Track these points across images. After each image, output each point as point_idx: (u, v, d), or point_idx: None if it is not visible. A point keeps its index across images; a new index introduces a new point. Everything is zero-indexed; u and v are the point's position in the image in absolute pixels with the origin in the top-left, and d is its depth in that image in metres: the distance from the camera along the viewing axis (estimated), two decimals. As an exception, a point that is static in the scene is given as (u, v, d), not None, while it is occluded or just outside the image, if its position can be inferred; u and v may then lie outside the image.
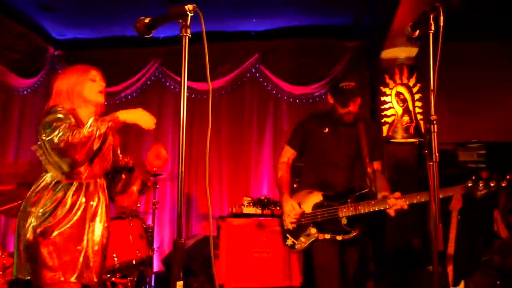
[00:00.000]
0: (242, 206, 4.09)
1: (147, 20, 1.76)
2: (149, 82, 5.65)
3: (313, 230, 2.61)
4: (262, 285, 3.90)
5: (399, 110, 4.67)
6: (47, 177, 2.07)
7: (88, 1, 4.74)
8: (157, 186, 4.17)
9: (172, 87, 5.59)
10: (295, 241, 2.64)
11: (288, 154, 2.86)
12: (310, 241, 2.61)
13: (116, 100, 5.52)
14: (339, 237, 2.57)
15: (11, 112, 5.29)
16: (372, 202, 2.55)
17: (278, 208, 4.14)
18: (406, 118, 4.63)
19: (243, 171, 5.36)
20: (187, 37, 1.64)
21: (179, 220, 1.51)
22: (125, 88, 5.54)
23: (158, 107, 5.62)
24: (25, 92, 5.40)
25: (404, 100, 4.66)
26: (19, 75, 5.15)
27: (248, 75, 5.51)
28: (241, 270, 3.85)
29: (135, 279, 3.76)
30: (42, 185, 2.06)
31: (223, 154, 5.39)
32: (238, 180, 5.32)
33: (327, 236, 2.58)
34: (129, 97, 5.61)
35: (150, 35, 1.81)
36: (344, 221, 2.56)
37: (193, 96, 5.38)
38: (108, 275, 3.44)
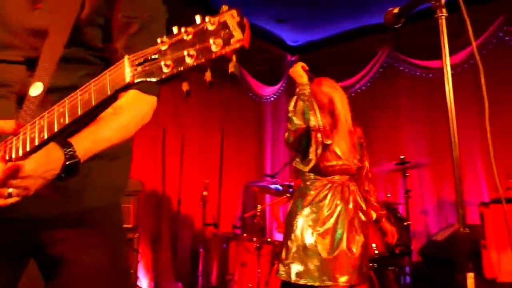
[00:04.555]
0: (509, 190, 3.58)
1: (396, 10, 1.73)
2: (381, 69, 5.56)
3: None
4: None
5: None
6: None
7: (313, 7, 5.03)
8: (407, 174, 4.03)
9: (406, 70, 5.34)
10: None
11: None
12: None
13: (351, 93, 5.40)
14: None
15: (264, 119, 6.03)
16: None
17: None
18: None
19: (503, 148, 4.61)
20: (443, 17, 1.55)
21: (460, 208, 1.40)
22: (358, 80, 5.60)
23: (392, 94, 5.48)
24: (271, 99, 6.07)
25: None
26: (265, 84, 5.83)
27: (493, 41, 4.79)
28: (515, 262, 3.37)
29: (396, 268, 3.76)
30: None
31: (476, 131, 4.76)
32: (497, 160, 4.62)
33: None
34: (363, 87, 5.63)
35: (399, 25, 1.77)
36: None
37: (430, 75, 5.03)
38: (371, 264, 3.53)
